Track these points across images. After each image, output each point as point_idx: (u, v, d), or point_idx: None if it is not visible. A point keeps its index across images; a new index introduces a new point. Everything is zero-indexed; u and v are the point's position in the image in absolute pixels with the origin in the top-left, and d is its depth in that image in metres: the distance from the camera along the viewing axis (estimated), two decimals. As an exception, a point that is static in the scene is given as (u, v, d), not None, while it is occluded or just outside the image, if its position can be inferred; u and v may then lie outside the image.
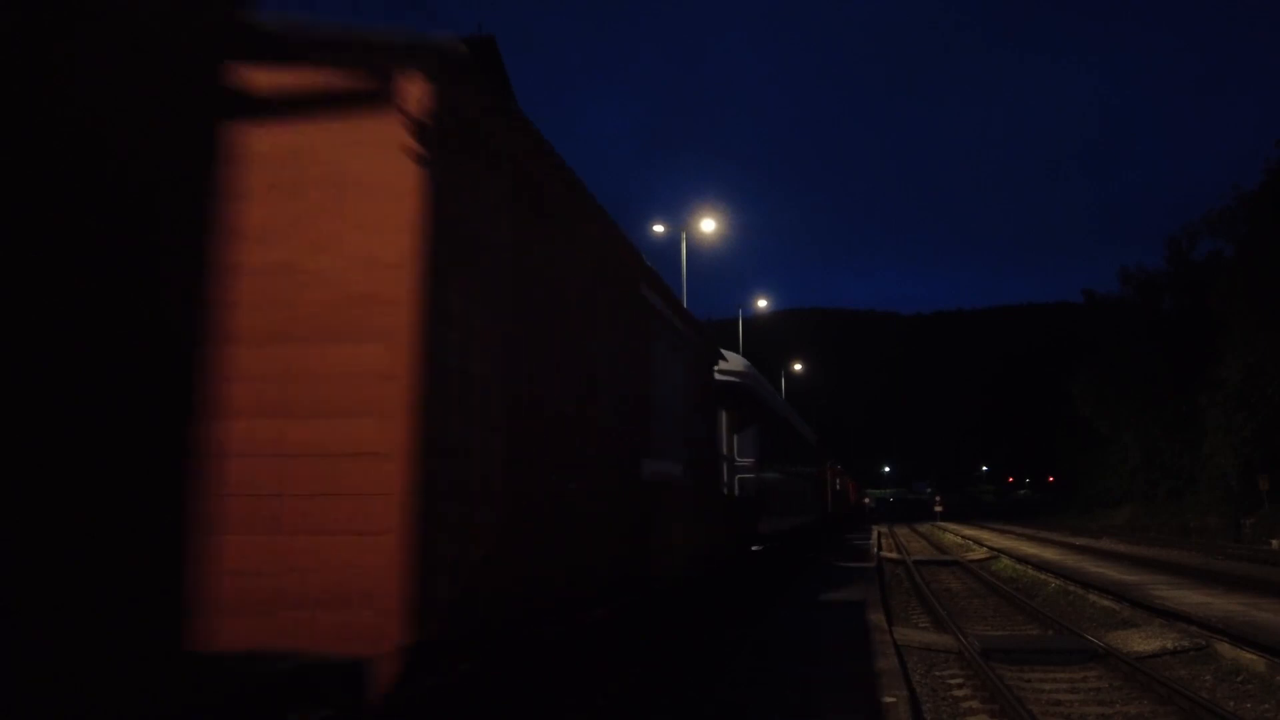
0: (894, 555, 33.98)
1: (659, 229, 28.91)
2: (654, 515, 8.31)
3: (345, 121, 4.16)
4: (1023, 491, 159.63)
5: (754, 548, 15.81)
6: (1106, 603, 17.34)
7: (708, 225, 27.76)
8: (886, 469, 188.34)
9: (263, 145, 3.96)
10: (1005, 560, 30.03)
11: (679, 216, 29.80)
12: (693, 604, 10.71)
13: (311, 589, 3.86)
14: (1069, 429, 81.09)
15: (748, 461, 15.22)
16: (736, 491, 14.73)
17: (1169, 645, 12.35)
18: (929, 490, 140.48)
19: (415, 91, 4.07)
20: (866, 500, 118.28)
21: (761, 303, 42.93)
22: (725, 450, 13.86)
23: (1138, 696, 9.62)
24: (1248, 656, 11.13)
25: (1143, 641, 12.76)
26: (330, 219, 4.13)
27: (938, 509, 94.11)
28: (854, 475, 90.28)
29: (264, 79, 3.97)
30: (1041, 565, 26.25)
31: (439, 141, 4.14)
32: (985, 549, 37.52)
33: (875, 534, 54.44)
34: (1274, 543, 35.10)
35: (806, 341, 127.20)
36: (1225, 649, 11.78)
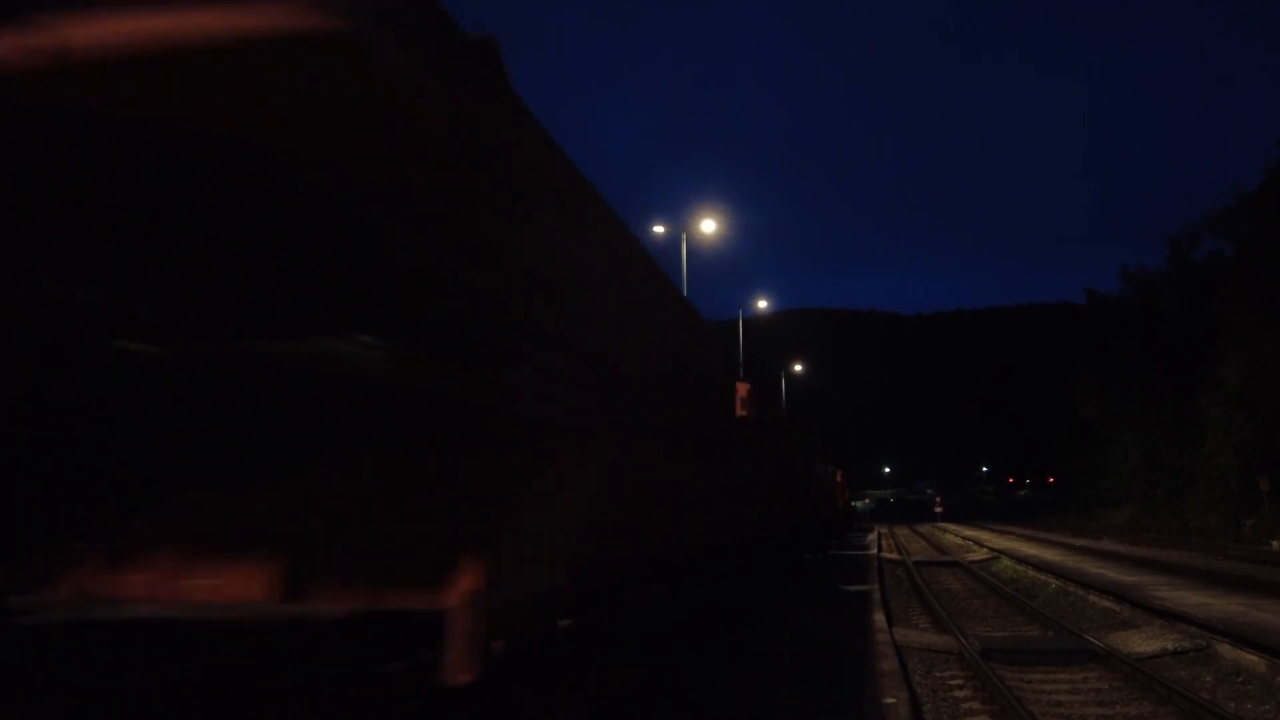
0: (894, 556, 34.03)
1: (659, 229, 28.90)
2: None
3: None
4: (1023, 492, 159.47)
5: None
6: (1107, 603, 17.33)
7: (708, 226, 27.78)
8: (886, 469, 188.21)
9: None
10: (1005, 561, 30.03)
11: (679, 217, 29.83)
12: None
13: None
14: (1069, 429, 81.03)
15: None
16: None
17: (1169, 646, 12.34)
18: (929, 490, 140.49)
19: None
20: (866, 500, 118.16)
21: (762, 303, 42.89)
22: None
23: (1138, 697, 9.62)
24: (1248, 657, 11.12)
25: (1143, 642, 12.76)
26: None
27: (938, 509, 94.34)
28: (852, 474, 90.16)
29: None
30: (1042, 566, 26.25)
31: None
32: (985, 550, 37.52)
33: (876, 533, 54.44)
34: (1274, 543, 35.09)
35: (806, 341, 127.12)
36: (1225, 650, 11.77)
